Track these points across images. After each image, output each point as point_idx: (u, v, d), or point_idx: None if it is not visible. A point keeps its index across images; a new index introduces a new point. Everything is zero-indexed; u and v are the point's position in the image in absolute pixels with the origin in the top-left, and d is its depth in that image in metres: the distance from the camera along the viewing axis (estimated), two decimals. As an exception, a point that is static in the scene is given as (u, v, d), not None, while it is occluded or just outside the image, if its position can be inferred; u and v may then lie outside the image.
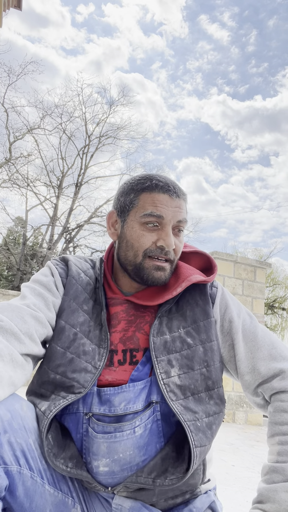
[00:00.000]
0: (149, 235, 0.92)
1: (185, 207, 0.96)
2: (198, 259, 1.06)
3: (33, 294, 0.93)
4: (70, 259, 1.04)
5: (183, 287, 0.94)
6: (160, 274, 0.93)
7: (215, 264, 1.02)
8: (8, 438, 0.72)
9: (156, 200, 0.91)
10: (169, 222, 0.92)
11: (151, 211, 0.91)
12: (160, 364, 0.85)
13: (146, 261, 0.92)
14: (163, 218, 0.91)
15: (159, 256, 0.92)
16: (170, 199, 0.92)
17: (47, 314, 0.91)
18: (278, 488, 0.78)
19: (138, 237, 0.92)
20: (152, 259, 0.92)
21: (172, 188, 0.92)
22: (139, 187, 0.94)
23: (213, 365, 0.89)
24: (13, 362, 0.78)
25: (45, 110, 16.79)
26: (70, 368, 0.85)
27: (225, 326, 0.96)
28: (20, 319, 0.84)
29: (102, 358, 0.87)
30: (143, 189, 0.93)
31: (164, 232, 0.91)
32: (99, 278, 1.00)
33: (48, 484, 0.78)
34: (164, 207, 0.91)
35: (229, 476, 2.64)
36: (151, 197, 0.92)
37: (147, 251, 0.92)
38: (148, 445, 0.81)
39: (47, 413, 0.79)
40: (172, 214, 0.91)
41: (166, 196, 0.92)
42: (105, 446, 0.80)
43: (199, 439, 0.78)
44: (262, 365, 0.91)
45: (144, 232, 0.92)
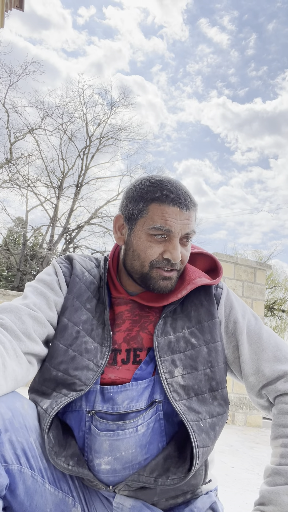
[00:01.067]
0: (156, 246, 0.91)
1: (194, 218, 0.94)
2: (204, 260, 1.06)
3: (35, 293, 0.94)
4: (75, 258, 1.05)
5: (188, 289, 0.94)
6: (166, 283, 0.93)
7: (221, 266, 1.01)
8: (9, 436, 0.72)
9: (165, 213, 0.89)
10: (177, 235, 0.90)
11: (160, 225, 0.89)
12: (163, 364, 0.85)
13: (153, 271, 0.92)
14: (171, 232, 0.90)
15: (165, 267, 0.92)
16: (180, 212, 0.89)
17: (47, 313, 0.91)
18: (280, 490, 0.78)
19: (145, 248, 0.92)
20: (159, 269, 0.92)
21: (183, 201, 0.90)
22: (149, 197, 0.91)
23: (217, 366, 0.89)
24: (17, 356, 0.78)
25: (46, 110, 16.82)
26: (72, 366, 0.85)
27: (230, 327, 0.96)
28: (18, 319, 0.85)
29: (104, 356, 0.87)
30: (153, 199, 0.90)
31: (171, 245, 0.90)
32: (103, 277, 1.00)
33: (48, 483, 0.78)
34: (173, 220, 0.89)
35: (228, 477, 2.64)
36: (160, 209, 0.89)
37: (153, 262, 0.92)
38: (150, 444, 0.81)
39: (49, 411, 0.79)
40: (180, 227, 0.90)
41: (176, 209, 0.89)
42: (107, 444, 0.79)
43: (201, 440, 0.78)
44: (267, 366, 0.91)
45: (151, 244, 0.91)
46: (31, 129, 16.59)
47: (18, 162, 16.25)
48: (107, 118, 18.52)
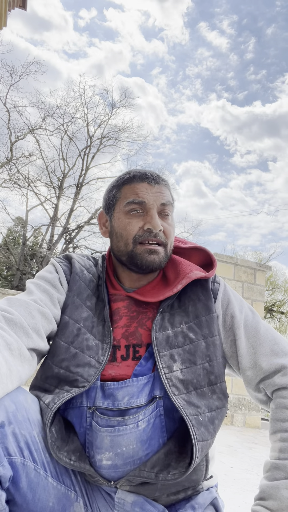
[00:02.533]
0: (135, 221, 0.94)
1: (167, 193, 0.99)
2: (198, 255, 1.07)
3: (39, 290, 0.94)
4: (73, 257, 1.06)
5: (183, 284, 0.94)
6: (154, 257, 0.93)
7: (215, 259, 1.02)
8: (13, 429, 0.72)
9: (136, 188, 0.95)
10: (153, 206, 0.94)
11: (133, 198, 0.94)
12: (162, 359, 0.85)
13: (137, 247, 0.94)
14: (145, 204, 0.94)
15: (149, 240, 0.93)
16: (149, 186, 0.96)
17: (52, 310, 0.91)
18: (279, 485, 0.78)
19: (125, 225, 0.95)
20: (143, 244, 0.94)
21: (150, 176, 0.96)
22: (120, 182, 0.99)
23: (215, 360, 0.89)
24: (21, 356, 0.78)
25: (47, 110, 16.82)
26: (73, 363, 0.86)
27: (227, 321, 0.96)
28: (28, 314, 0.85)
29: (106, 353, 0.88)
30: (123, 182, 0.98)
31: (149, 216, 0.94)
32: (102, 275, 1.01)
33: (51, 477, 0.78)
34: (144, 193, 0.95)
35: (227, 477, 2.64)
36: (131, 187, 0.96)
37: (136, 237, 0.93)
38: (151, 440, 0.81)
39: (50, 406, 0.79)
40: (153, 198, 0.95)
41: (145, 183, 0.96)
42: (108, 440, 0.80)
43: (201, 434, 0.78)
44: (264, 360, 0.91)
45: (130, 220, 0.95)
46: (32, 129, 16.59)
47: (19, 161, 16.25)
48: (108, 119, 18.53)
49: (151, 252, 0.93)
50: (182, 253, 1.07)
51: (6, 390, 0.71)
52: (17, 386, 0.77)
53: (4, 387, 0.70)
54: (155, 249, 0.93)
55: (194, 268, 0.98)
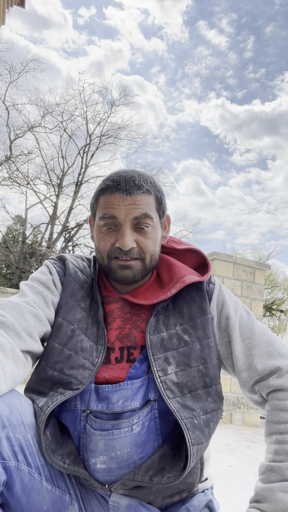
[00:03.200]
0: (108, 237, 0.93)
1: (145, 201, 0.92)
2: (193, 257, 1.06)
3: (33, 291, 0.94)
4: (67, 258, 1.05)
5: (178, 288, 0.93)
6: (127, 272, 0.92)
7: (209, 262, 1.01)
8: (7, 433, 0.72)
9: (107, 201, 0.91)
10: (124, 222, 0.90)
11: (103, 213, 0.91)
12: (157, 362, 0.85)
13: (111, 262, 0.93)
14: (116, 218, 0.90)
15: (121, 257, 0.92)
16: (122, 198, 0.90)
17: (46, 312, 0.91)
18: (274, 487, 0.78)
19: (99, 240, 0.94)
20: (117, 259, 0.93)
21: (123, 186, 0.90)
22: (97, 191, 0.95)
23: (210, 362, 0.89)
24: (15, 358, 0.78)
25: (46, 108, 16.80)
26: (67, 365, 0.85)
27: (222, 322, 0.96)
28: (20, 316, 0.84)
29: (100, 355, 0.87)
30: (99, 191, 0.94)
31: (120, 233, 0.91)
32: (95, 276, 1.00)
33: (45, 481, 0.78)
34: (115, 207, 0.90)
35: (225, 476, 2.64)
36: (104, 199, 0.92)
37: (109, 252, 0.93)
38: (145, 443, 0.81)
39: (44, 409, 0.79)
40: (125, 213, 0.90)
41: (117, 195, 0.90)
42: (102, 443, 0.79)
43: (196, 437, 0.78)
44: (259, 362, 0.91)
45: (103, 235, 0.93)
46: (31, 126, 16.57)
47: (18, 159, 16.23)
48: (107, 117, 18.51)
49: (123, 267, 0.92)
50: (177, 254, 1.07)
51: (0, 391, 0.71)
52: (12, 388, 0.77)
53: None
54: (127, 265, 0.92)
55: (189, 271, 0.97)
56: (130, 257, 0.92)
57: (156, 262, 0.98)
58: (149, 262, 0.95)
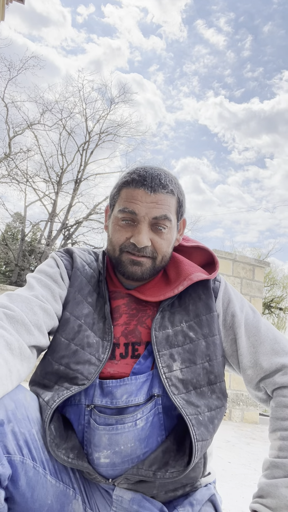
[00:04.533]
0: (124, 230, 0.92)
1: (168, 202, 0.91)
2: (200, 254, 1.06)
3: (40, 285, 0.93)
4: (75, 251, 1.05)
5: (185, 285, 0.93)
6: (136, 268, 0.92)
7: (217, 260, 1.01)
8: (12, 427, 0.72)
9: (130, 195, 0.90)
10: (143, 219, 0.89)
11: (125, 206, 0.90)
12: (162, 358, 0.85)
13: (123, 255, 0.93)
14: (136, 215, 0.89)
15: (133, 252, 0.92)
16: (145, 194, 0.89)
17: (54, 305, 0.91)
18: (278, 483, 0.79)
19: (114, 232, 0.94)
20: (128, 253, 0.92)
21: (148, 182, 0.89)
22: (121, 182, 0.94)
23: (215, 359, 0.89)
24: (21, 355, 0.78)
25: (45, 105, 16.74)
26: (74, 360, 0.86)
27: (228, 320, 0.96)
28: (30, 310, 0.84)
29: (106, 350, 0.88)
30: (123, 183, 0.93)
31: (137, 229, 0.90)
32: (102, 271, 1.00)
33: (50, 475, 0.78)
34: (138, 202, 0.89)
35: (225, 472, 2.66)
36: (127, 192, 0.91)
37: (122, 246, 0.92)
38: (149, 438, 0.81)
39: (50, 403, 0.79)
40: (146, 210, 0.89)
41: (141, 190, 0.89)
42: (106, 438, 0.80)
43: (200, 433, 0.79)
44: (265, 359, 0.91)
45: (119, 228, 0.93)
46: (30, 124, 16.51)
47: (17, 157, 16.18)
48: (106, 114, 18.45)
49: (134, 263, 0.92)
50: (184, 251, 1.07)
51: (6, 390, 0.71)
52: (17, 384, 0.77)
53: (5, 388, 0.70)
54: (138, 261, 0.92)
55: (196, 269, 0.98)
56: (143, 255, 0.91)
57: (166, 263, 0.97)
58: (160, 263, 0.95)
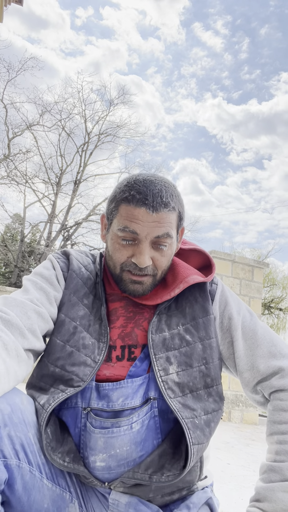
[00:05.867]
0: (125, 250, 0.90)
1: (169, 219, 0.89)
2: (197, 257, 1.06)
3: (35, 288, 0.94)
4: (71, 253, 1.05)
5: (181, 288, 0.93)
6: (136, 287, 0.92)
7: (214, 263, 1.01)
8: (8, 431, 0.72)
9: (131, 214, 0.87)
10: (144, 239, 0.87)
11: (125, 226, 0.87)
12: (158, 361, 0.85)
13: (123, 273, 0.92)
14: (137, 234, 0.87)
15: (134, 272, 0.91)
16: (147, 213, 0.86)
17: (49, 308, 0.91)
18: (275, 487, 0.79)
19: (115, 250, 0.92)
20: (129, 273, 0.91)
21: (150, 202, 0.85)
22: (120, 197, 0.90)
23: (212, 363, 0.89)
24: (18, 357, 0.78)
25: (45, 106, 16.75)
26: (69, 362, 0.86)
27: (225, 323, 0.96)
28: (24, 315, 0.85)
29: (102, 352, 0.88)
30: (122, 200, 0.89)
31: (138, 249, 0.88)
32: (99, 273, 1.00)
33: (46, 479, 0.78)
34: (139, 222, 0.86)
35: (224, 474, 2.65)
36: (127, 210, 0.88)
37: (123, 265, 0.91)
38: (145, 441, 0.81)
39: (46, 407, 0.80)
40: (148, 230, 0.87)
41: (142, 210, 0.86)
42: (102, 441, 0.80)
43: (196, 437, 0.79)
44: (261, 362, 0.91)
45: (120, 247, 0.91)
46: (29, 125, 16.52)
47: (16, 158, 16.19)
48: (106, 115, 18.47)
49: (135, 282, 0.91)
50: (182, 254, 1.07)
51: (3, 390, 0.72)
52: (14, 386, 0.77)
53: (2, 387, 0.71)
54: (139, 280, 0.91)
55: (192, 272, 0.97)
56: (144, 274, 0.91)
57: (165, 275, 0.97)
58: (160, 277, 0.94)
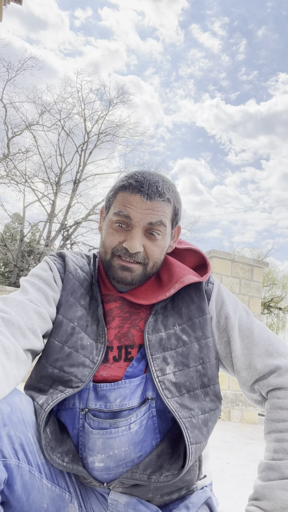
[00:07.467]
0: (118, 234, 0.92)
1: (164, 209, 0.91)
2: (193, 257, 1.06)
3: (34, 288, 0.94)
4: (67, 255, 1.05)
5: (177, 288, 0.94)
6: (126, 274, 0.92)
7: (209, 263, 1.01)
8: (8, 431, 0.72)
9: (126, 200, 0.90)
10: (137, 224, 0.89)
11: (120, 210, 0.90)
12: (155, 362, 0.85)
13: (114, 259, 0.93)
14: (130, 219, 0.89)
15: (125, 257, 0.92)
16: (141, 201, 0.89)
17: (48, 309, 0.91)
18: (273, 485, 0.79)
19: (108, 235, 0.93)
20: (120, 258, 0.92)
21: (145, 189, 0.89)
22: (118, 185, 0.94)
23: (208, 362, 0.89)
24: (17, 360, 0.78)
25: (44, 106, 16.73)
26: (67, 363, 0.86)
27: (221, 322, 0.96)
28: (25, 314, 0.85)
29: (100, 353, 0.88)
30: (120, 187, 0.93)
31: (130, 234, 0.90)
32: (94, 274, 1.00)
33: (46, 479, 0.78)
34: (133, 208, 0.89)
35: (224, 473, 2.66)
36: (123, 196, 0.91)
37: (114, 250, 0.92)
38: (143, 442, 0.81)
39: (44, 407, 0.80)
40: (141, 216, 0.89)
41: (137, 197, 0.89)
42: (100, 442, 0.80)
43: (194, 436, 0.79)
44: (259, 361, 0.91)
45: (113, 231, 0.92)
46: (29, 124, 16.50)
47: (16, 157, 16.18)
48: (105, 115, 18.45)
49: (124, 268, 0.92)
50: (177, 254, 1.07)
51: (3, 394, 0.71)
52: (13, 387, 0.77)
53: (1, 392, 0.70)
54: (128, 267, 0.92)
55: (188, 271, 0.98)
56: (134, 260, 0.91)
57: (157, 270, 0.98)
58: (151, 269, 0.95)
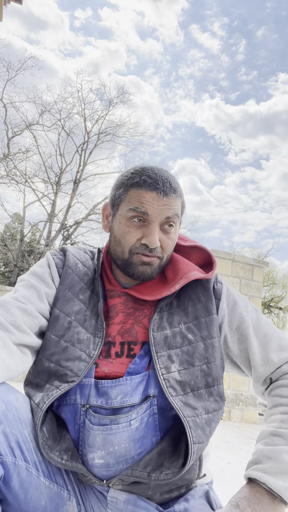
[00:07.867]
0: (135, 231, 0.91)
1: (177, 204, 0.93)
2: (198, 254, 1.05)
3: (25, 286, 0.94)
4: (69, 250, 1.05)
5: (182, 284, 0.93)
6: (146, 268, 0.93)
7: (215, 260, 1.01)
8: (3, 428, 0.72)
9: (142, 197, 0.90)
10: (155, 220, 0.90)
11: (136, 206, 0.90)
12: (160, 359, 0.85)
13: (133, 257, 0.93)
14: (148, 215, 0.90)
15: (145, 253, 0.92)
16: (158, 197, 0.90)
17: (37, 305, 0.91)
18: (281, 449, 0.78)
19: (124, 233, 0.93)
20: (139, 255, 0.92)
21: (160, 186, 0.90)
22: (129, 182, 0.93)
23: (213, 362, 0.89)
24: (6, 347, 0.78)
25: (44, 106, 16.74)
26: (64, 357, 0.85)
27: (234, 321, 0.97)
28: (6, 312, 0.85)
29: (97, 347, 0.87)
30: (132, 184, 0.92)
31: (148, 230, 0.90)
32: (97, 269, 1.00)
33: (43, 476, 0.77)
34: (150, 204, 0.89)
35: (224, 473, 2.65)
36: (138, 193, 0.91)
37: (132, 248, 0.92)
38: (144, 439, 0.80)
39: (40, 405, 0.79)
40: (158, 212, 0.90)
41: (153, 194, 0.90)
42: (100, 438, 0.79)
43: (197, 436, 0.78)
44: (275, 356, 0.94)
45: (129, 229, 0.92)
46: (29, 124, 16.51)
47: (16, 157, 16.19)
48: (105, 114, 18.46)
49: (145, 263, 0.92)
50: (182, 251, 1.06)
51: None
52: (4, 376, 0.77)
53: None
54: (149, 262, 0.92)
55: (193, 268, 0.97)
56: (154, 255, 0.92)
57: (168, 262, 0.99)
58: (165, 262, 0.96)
